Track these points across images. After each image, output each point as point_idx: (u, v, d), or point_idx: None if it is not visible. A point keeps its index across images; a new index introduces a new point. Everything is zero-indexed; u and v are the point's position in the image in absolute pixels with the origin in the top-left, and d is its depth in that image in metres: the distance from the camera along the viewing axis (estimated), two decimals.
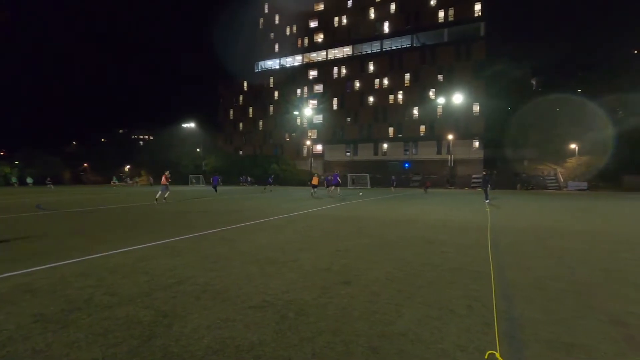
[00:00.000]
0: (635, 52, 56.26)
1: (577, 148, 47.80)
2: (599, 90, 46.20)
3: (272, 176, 34.01)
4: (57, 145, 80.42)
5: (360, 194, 25.96)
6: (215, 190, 27.10)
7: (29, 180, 43.88)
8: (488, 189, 18.91)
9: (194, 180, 58.09)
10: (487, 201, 17.70)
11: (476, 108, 51.52)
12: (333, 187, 24.14)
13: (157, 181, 30.66)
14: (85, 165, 76.08)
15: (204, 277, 4.47)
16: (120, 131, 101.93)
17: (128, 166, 74.67)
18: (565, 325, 3.04)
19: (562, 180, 44.85)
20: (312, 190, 22.83)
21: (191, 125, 62.60)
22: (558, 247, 6.56)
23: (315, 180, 23.36)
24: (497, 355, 2.49)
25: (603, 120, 44.61)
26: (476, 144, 51.78)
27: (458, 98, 46.59)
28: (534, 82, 68.54)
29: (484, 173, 20.14)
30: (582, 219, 11.38)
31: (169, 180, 17.04)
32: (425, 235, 7.72)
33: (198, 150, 65.65)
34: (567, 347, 2.65)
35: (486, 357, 2.49)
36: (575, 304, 3.58)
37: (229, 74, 71.99)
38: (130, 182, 65.92)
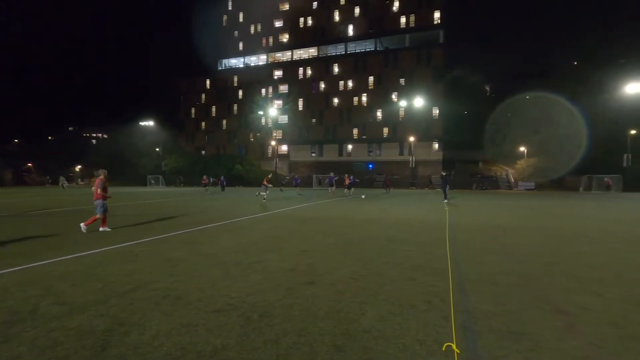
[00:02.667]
0: (575, 63, 61.56)
1: (526, 151, 51.38)
2: (545, 97, 50.00)
3: (223, 177, 32.31)
4: None
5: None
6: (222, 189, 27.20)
7: None
8: (447, 189, 19.82)
9: (152, 181, 55.47)
10: (445, 200, 18.55)
11: (436, 111, 53.76)
12: (333, 187, 26.00)
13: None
14: (29, 165, 70.11)
15: (164, 282, 4.30)
16: (70, 128, 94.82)
17: (79, 166, 69.75)
18: (514, 316, 3.27)
19: (513, 180, 48.00)
20: (262, 194, 19.52)
21: (150, 123, 59.68)
22: (509, 243, 7.02)
23: (266, 181, 20.97)
24: (454, 346, 2.62)
25: (548, 125, 48.31)
26: (436, 145, 54.04)
27: (419, 101, 48.37)
28: (487, 88, 72.75)
29: (444, 174, 21.04)
30: (529, 216, 12.26)
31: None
32: (387, 235, 7.95)
33: (157, 149, 62.73)
34: (516, 336, 2.85)
35: (443, 349, 2.61)
36: (523, 295, 3.86)
37: (191, 72, 69.61)
38: (82, 182, 61.71)
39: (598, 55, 57.50)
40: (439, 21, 53.97)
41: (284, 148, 62.43)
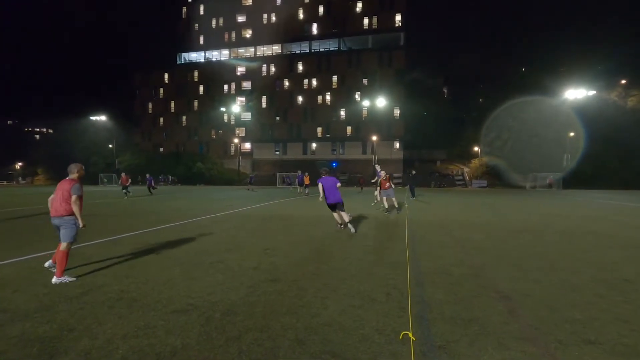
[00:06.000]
0: (523, 69, 66.26)
1: (479, 150, 54.57)
2: (496, 100, 53.45)
3: (149, 175, 27.06)
4: None
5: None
6: (150, 192, 24.67)
7: None
8: (413, 187, 20.49)
9: (105, 180, 52.21)
10: (412, 198, 19.09)
11: (397, 112, 55.48)
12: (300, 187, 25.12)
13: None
14: None
15: (118, 284, 4.11)
16: (9, 122, 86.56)
17: (20, 163, 63.97)
18: (465, 304, 3.51)
19: (467, 178, 50.81)
20: (124, 191, 19.08)
21: (102, 118, 56.03)
22: (462, 237, 7.46)
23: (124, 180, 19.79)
24: (410, 334, 2.77)
25: (499, 127, 51.69)
26: (397, 145, 55.80)
27: (381, 102, 49.68)
28: (445, 91, 76.26)
29: (413, 173, 21.77)
30: (481, 212, 13.08)
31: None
32: (349, 231, 8.12)
33: (110, 146, 59.07)
34: (466, 322, 3.07)
35: (400, 337, 2.76)
36: (473, 285, 4.14)
37: (147, 64, 66.15)
38: (24, 181, 56.73)
39: (543, 62, 62.43)
40: (400, 24, 55.65)
41: (247, 146, 61.37)
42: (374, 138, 51.19)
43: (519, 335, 2.83)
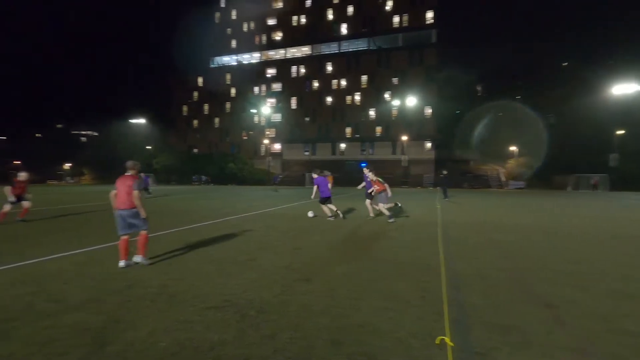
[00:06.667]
0: (565, 64, 62.52)
1: (516, 150, 52.04)
2: (534, 97, 50.81)
3: (195, 176, 22.29)
4: None
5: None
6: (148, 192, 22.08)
7: None
8: (446, 188, 19.92)
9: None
10: (446, 199, 18.56)
11: (428, 111, 54.13)
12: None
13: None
14: (17, 162, 68.75)
15: (158, 279, 4.30)
16: (59, 126, 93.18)
17: (68, 164, 68.65)
18: (504, 310, 3.35)
19: (504, 179, 48.64)
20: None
21: (141, 121, 59.01)
22: (498, 239, 7.15)
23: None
24: (447, 340, 2.69)
25: (538, 124, 49.06)
26: (428, 145, 54.43)
27: (411, 101, 48.68)
28: (479, 88, 73.47)
29: (444, 173, 20.99)
30: (518, 214, 12.46)
31: None
32: (379, 232, 8.02)
33: (149, 147, 62.04)
34: (506, 329, 2.93)
35: (437, 342, 2.68)
36: (512, 290, 3.95)
37: (183, 69, 68.84)
38: (72, 180, 60.83)
39: (587, 56, 58.60)
40: (432, 21, 54.30)
41: (277, 146, 62.26)
42: (404, 138, 50.27)
43: (567, 345, 2.66)
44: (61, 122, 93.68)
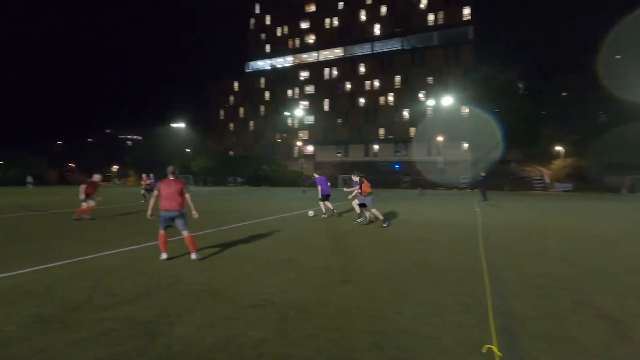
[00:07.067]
0: (617, 57, 57.86)
1: (562, 150, 48.89)
2: (582, 93, 47.42)
3: (152, 175, 19.42)
4: (41, 145, 78.41)
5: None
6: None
7: (28, 180, 41.59)
8: (485, 190, 18.74)
9: None
10: (485, 202, 17.59)
11: (465, 110, 52.27)
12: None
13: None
14: (72, 165, 74.53)
15: (201, 277, 4.48)
16: (107, 131, 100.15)
17: (116, 166, 73.44)
18: (557, 320, 3.16)
19: (548, 181, 45.82)
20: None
21: (180, 125, 61.91)
22: (544, 245, 6.75)
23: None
24: (495, 349, 2.58)
25: (586, 123, 45.78)
26: (465, 145, 52.51)
27: (447, 100, 47.21)
28: (520, 86, 69.79)
29: (482, 175, 19.92)
30: (566, 218, 11.68)
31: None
32: (418, 235, 7.84)
33: (187, 150, 64.92)
34: (559, 340, 2.76)
35: (484, 351, 2.58)
36: (564, 299, 3.71)
37: (220, 74, 71.55)
38: (119, 182, 64.94)
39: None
40: (469, 17, 52.45)
41: (310, 148, 62.77)
42: (440, 139, 48.85)
43: None
44: (110, 128, 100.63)
